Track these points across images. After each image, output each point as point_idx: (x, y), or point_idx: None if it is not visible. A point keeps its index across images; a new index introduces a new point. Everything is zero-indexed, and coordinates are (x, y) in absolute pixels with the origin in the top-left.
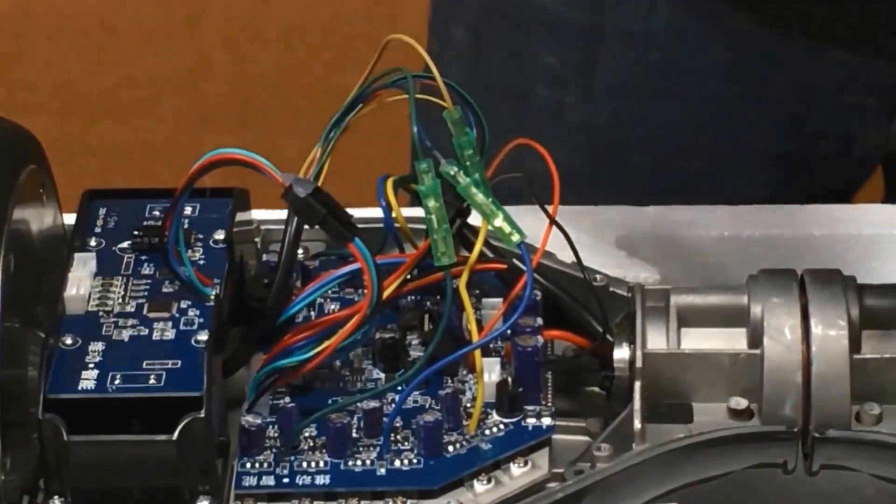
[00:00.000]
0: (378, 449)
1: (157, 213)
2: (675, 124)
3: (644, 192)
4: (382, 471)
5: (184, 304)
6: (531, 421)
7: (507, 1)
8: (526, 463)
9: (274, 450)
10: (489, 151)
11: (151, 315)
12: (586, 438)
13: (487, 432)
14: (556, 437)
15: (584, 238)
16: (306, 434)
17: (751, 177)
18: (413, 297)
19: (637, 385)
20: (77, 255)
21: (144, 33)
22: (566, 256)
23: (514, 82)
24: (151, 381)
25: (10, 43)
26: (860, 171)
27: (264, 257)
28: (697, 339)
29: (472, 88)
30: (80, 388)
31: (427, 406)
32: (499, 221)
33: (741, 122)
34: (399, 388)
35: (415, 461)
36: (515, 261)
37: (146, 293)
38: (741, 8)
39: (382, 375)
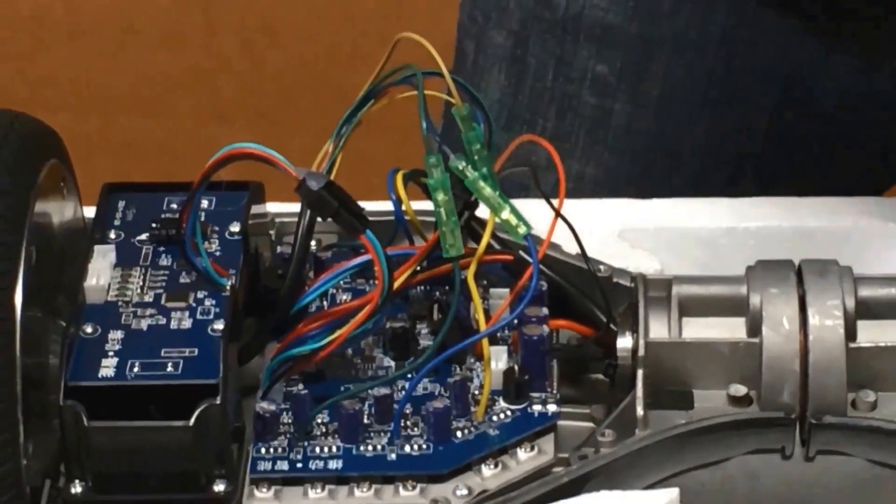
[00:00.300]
0: (389, 435)
1: (174, 206)
2: (725, 131)
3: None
4: (393, 456)
5: (200, 294)
6: (537, 408)
7: (554, 10)
8: (532, 448)
9: (288, 435)
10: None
11: (169, 305)
12: (590, 424)
13: (494, 419)
14: (561, 423)
15: (589, 230)
16: (319, 420)
17: (795, 178)
18: (423, 288)
19: (639, 373)
20: (97, 247)
21: (161, 33)
22: (571, 248)
23: (560, 88)
24: (169, 369)
25: (31, 42)
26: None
27: (278, 249)
28: (698, 328)
29: (516, 94)
30: (99, 375)
31: (436, 393)
32: (506, 214)
33: (789, 129)
34: (409, 375)
35: (424, 446)
36: (522, 252)
37: (164, 284)
38: (791, 15)
39: (393, 363)
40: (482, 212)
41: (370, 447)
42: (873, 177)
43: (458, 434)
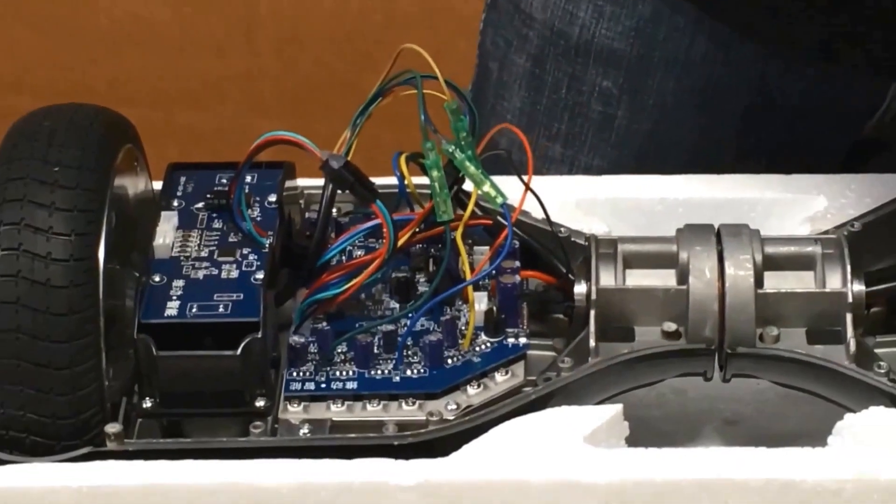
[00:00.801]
0: (394, 362)
1: (224, 181)
2: (704, 130)
3: None
4: (397, 378)
5: (245, 251)
6: (511, 340)
7: (568, 39)
8: (507, 372)
9: (314, 362)
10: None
11: (220, 259)
12: (553, 354)
13: (477, 349)
14: (530, 352)
15: (553, 200)
16: (339, 350)
17: (766, 165)
18: (421, 246)
19: (592, 313)
20: (163, 213)
21: (212, 43)
22: (538, 214)
23: (572, 99)
24: (220, 310)
25: (111, 49)
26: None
27: (306, 215)
28: (638, 278)
29: (535, 103)
30: (165, 314)
31: (431, 329)
32: (486, 187)
33: (757, 127)
34: (410, 315)
35: (422, 371)
36: (499, 217)
37: (216, 242)
38: (752, 40)
39: (397, 305)
40: (468, 185)
41: (379, 371)
42: (829, 164)
43: (449, 361)
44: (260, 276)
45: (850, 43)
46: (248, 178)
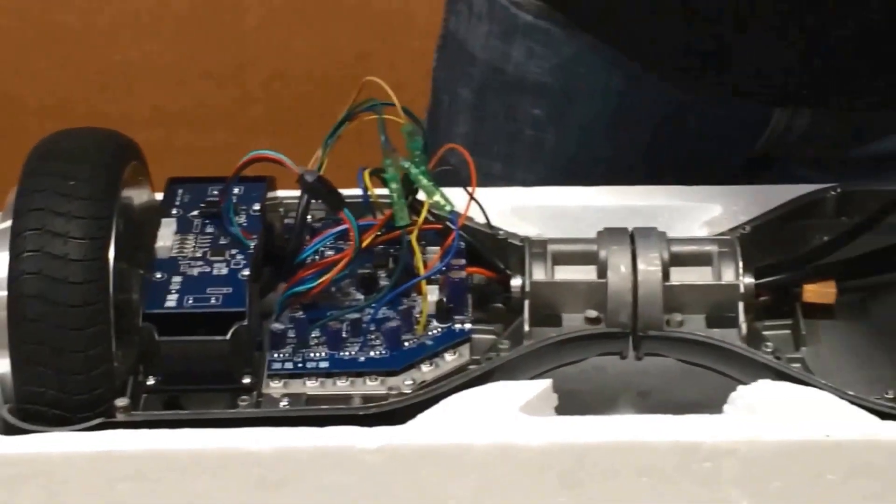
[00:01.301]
0: (359, 345)
1: (215, 192)
2: (622, 151)
3: None
4: (362, 358)
5: (233, 252)
6: (458, 326)
7: (504, 74)
8: (455, 353)
9: (292, 345)
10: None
11: (212, 259)
12: (493, 337)
13: (430, 333)
14: (474, 336)
15: (492, 208)
16: (313, 335)
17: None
18: (382, 247)
19: (526, 303)
20: (164, 220)
21: (208, 75)
22: (481, 220)
23: (509, 127)
24: (212, 301)
25: (121, 81)
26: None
27: (285, 221)
28: (565, 273)
29: (478, 129)
30: (166, 305)
31: (391, 317)
32: (437, 197)
33: (665, 147)
34: (373, 305)
35: (383, 352)
36: (448, 223)
37: (209, 244)
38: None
39: (362, 297)
40: (421, 196)
41: (347, 353)
42: (726, 178)
43: (406, 344)
44: (246, 272)
45: (739, 81)
46: (236, 190)
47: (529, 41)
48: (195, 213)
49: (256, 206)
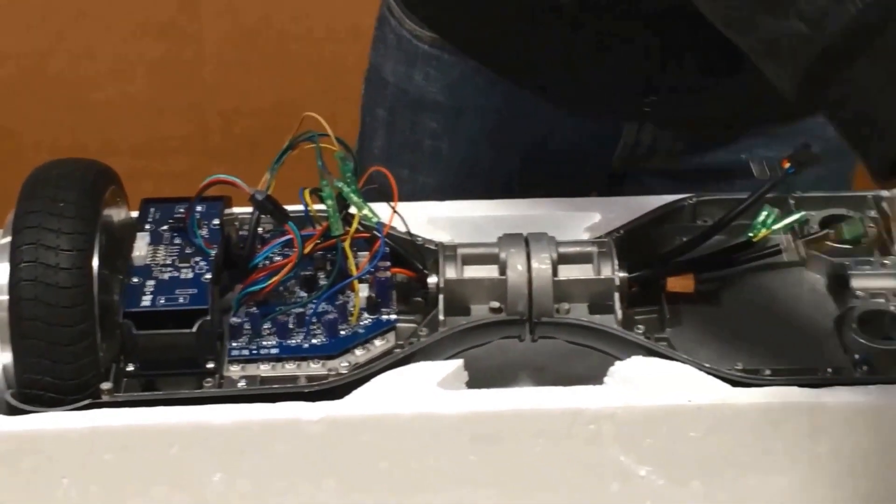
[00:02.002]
0: (304, 334)
1: (181, 210)
2: (501, 161)
3: (491, 197)
4: (306, 345)
5: (197, 259)
6: (385, 317)
7: (408, 94)
8: (383, 339)
9: (248, 335)
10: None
11: (180, 265)
12: (414, 325)
13: (362, 323)
14: (398, 325)
15: (411, 219)
16: (265, 327)
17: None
18: (321, 253)
19: (440, 297)
20: (139, 234)
21: (173, 111)
22: (402, 228)
23: (412, 139)
24: (180, 301)
25: (102, 115)
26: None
27: (240, 233)
28: (472, 272)
29: (390, 142)
30: (141, 305)
31: (329, 310)
32: (365, 211)
33: (537, 159)
34: (314, 301)
35: (324, 339)
36: (375, 232)
37: (177, 253)
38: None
39: (305, 294)
40: (353, 210)
41: (293, 341)
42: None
43: (342, 332)
44: (208, 276)
45: (591, 99)
46: (199, 208)
47: (426, 66)
48: (165, 227)
49: (216, 221)
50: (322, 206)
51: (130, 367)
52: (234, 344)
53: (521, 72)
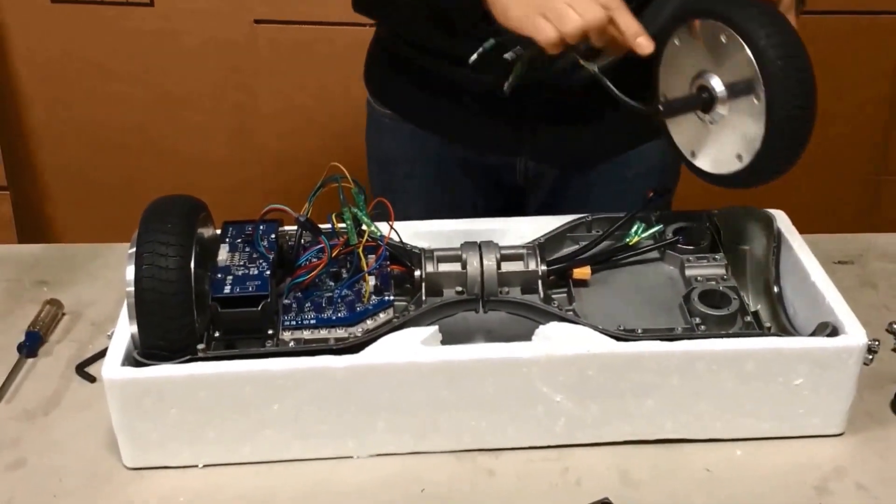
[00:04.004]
0: (332, 310)
1: (250, 228)
2: (452, 192)
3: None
4: (334, 317)
5: (261, 261)
6: (386, 297)
7: (381, 152)
8: (385, 313)
9: (295, 311)
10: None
11: (249, 265)
12: (405, 303)
13: (371, 302)
14: (395, 303)
15: (404, 233)
16: (306, 306)
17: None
18: (343, 256)
19: (423, 284)
20: (221, 245)
21: (246, 164)
22: (397, 239)
23: (394, 181)
24: (250, 289)
25: (195, 168)
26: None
27: (289, 243)
28: (444, 267)
29: (384, 185)
30: (224, 292)
31: (349, 294)
32: (372, 228)
33: (472, 189)
34: (339, 288)
35: (345, 314)
36: (378, 241)
37: (247, 257)
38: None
39: (333, 283)
40: (364, 227)
41: (324, 315)
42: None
43: (357, 308)
44: (268, 272)
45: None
46: (261, 227)
47: (390, 132)
48: (239, 240)
49: (273, 236)
50: (343, 225)
51: (217, 334)
52: (285, 317)
53: (443, 129)
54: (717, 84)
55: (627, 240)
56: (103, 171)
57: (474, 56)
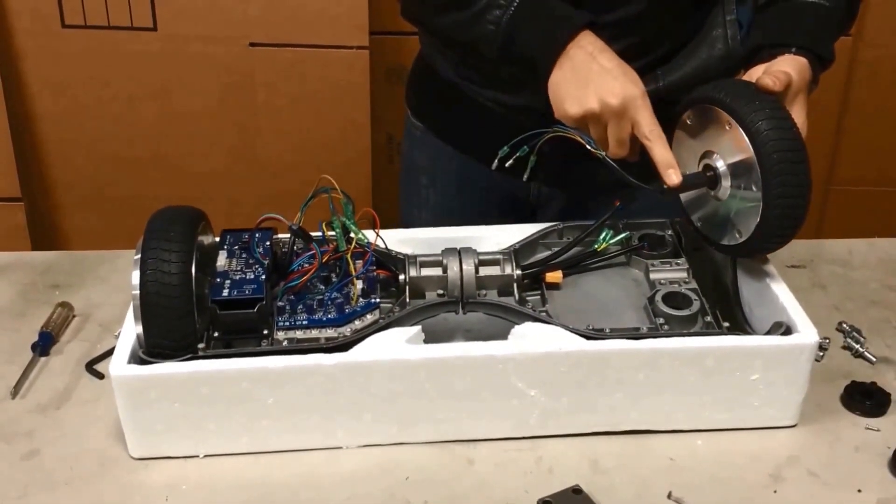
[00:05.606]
0: (323, 311)
1: (246, 236)
2: (465, 203)
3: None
4: (325, 318)
5: (256, 266)
6: (373, 300)
7: (410, 161)
8: (372, 314)
9: (288, 313)
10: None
11: (246, 270)
12: (391, 305)
13: (359, 304)
14: (381, 305)
15: (389, 240)
16: (299, 307)
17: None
18: (333, 261)
19: (407, 287)
20: (220, 251)
21: (242, 180)
22: (383, 246)
23: (414, 190)
24: (246, 292)
25: (196, 182)
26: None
27: (283, 249)
28: (426, 272)
29: (405, 193)
30: (223, 295)
31: (339, 296)
32: (360, 235)
33: (487, 201)
34: (329, 291)
35: (335, 315)
36: (366, 247)
37: (244, 263)
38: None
39: (323, 286)
40: (352, 235)
41: (315, 316)
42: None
43: (346, 310)
44: (263, 277)
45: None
46: (257, 235)
47: (419, 143)
48: (236, 247)
49: (268, 243)
50: (332, 233)
51: (216, 334)
52: (279, 318)
53: (474, 152)
54: (721, 165)
55: (596, 246)
56: (110, 183)
57: (496, 162)
